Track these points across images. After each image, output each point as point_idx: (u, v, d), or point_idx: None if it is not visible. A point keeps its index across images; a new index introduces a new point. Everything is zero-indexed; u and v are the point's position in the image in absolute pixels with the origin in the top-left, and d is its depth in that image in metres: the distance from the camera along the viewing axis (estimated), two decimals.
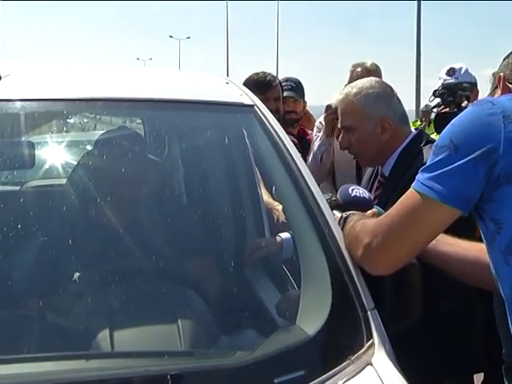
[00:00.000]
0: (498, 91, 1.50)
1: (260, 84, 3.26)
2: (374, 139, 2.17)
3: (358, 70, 3.32)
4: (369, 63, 3.37)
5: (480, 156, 1.29)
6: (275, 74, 3.64)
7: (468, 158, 1.30)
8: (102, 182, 1.85)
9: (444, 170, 1.32)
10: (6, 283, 1.65)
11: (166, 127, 2.12)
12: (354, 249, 1.51)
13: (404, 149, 2.17)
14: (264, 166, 1.91)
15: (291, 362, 1.32)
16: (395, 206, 1.45)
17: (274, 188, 2.19)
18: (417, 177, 1.40)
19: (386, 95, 2.21)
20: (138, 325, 1.49)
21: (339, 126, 2.29)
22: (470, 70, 3.45)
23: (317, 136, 3.47)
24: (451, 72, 3.34)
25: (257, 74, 3.43)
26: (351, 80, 3.25)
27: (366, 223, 1.53)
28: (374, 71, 3.30)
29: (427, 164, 1.38)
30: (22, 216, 1.72)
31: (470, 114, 1.36)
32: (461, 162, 1.30)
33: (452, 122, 1.38)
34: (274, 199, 2.35)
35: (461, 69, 3.42)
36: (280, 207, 2.23)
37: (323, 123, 3.41)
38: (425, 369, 1.88)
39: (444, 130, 1.38)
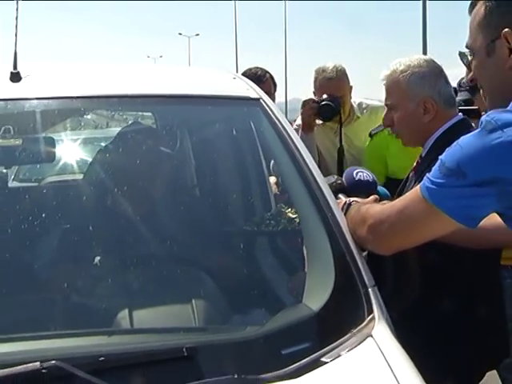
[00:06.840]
0: None
1: (250, 79, 3.28)
2: (415, 119, 2.12)
3: (320, 77, 3.20)
4: (329, 69, 3.18)
5: (488, 183, 1.27)
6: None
7: (476, 184, 1.28)
8: (120, 174, 1.95)
9: (454, 189, 1.31)
10: (33, 269, 1.77)
11: (178, 121, 2.22)
12: (359, 229, 1.60)
13: (444, 132, 2.09)
14: (270, 155, 2.01)
15: (297, 335, 1.40)
16: (404, 199, 1.47)
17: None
18: (426, 182, 1.37)
19: (432, 75, 2.13)
20: (155, 304, 1.59)
21: (384, 103, 2.24)
22: None
23: None
24: None
25: (249, 69, 3.60)
26: (315, 87, 3.23)
27: (373, 207, 1.63)
28: (335, 78, 3.17)
29: (436, 175, 1.34)
30: (46, 208, 1.83)
31: (477, 140, 1.29)
32: (469, 188, 1.29)
33: (460, 142, 1.33)
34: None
35: None
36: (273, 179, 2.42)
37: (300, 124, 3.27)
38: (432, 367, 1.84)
39: (451, 150, 1.35)
